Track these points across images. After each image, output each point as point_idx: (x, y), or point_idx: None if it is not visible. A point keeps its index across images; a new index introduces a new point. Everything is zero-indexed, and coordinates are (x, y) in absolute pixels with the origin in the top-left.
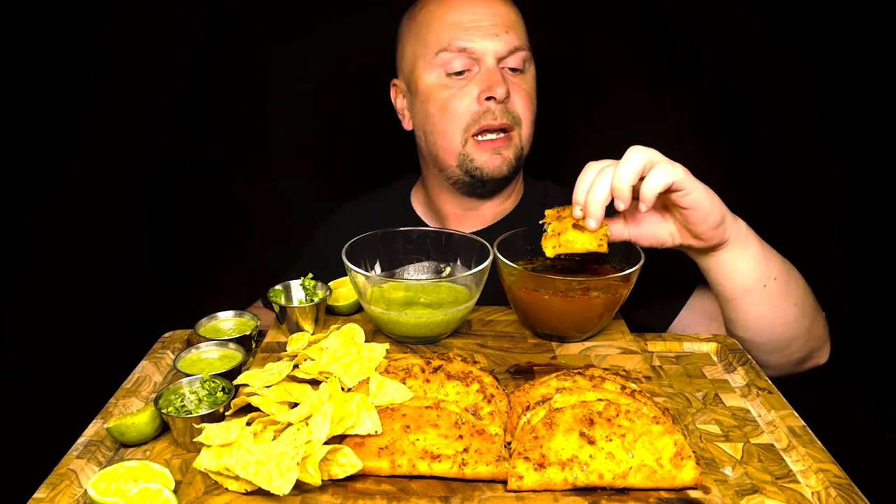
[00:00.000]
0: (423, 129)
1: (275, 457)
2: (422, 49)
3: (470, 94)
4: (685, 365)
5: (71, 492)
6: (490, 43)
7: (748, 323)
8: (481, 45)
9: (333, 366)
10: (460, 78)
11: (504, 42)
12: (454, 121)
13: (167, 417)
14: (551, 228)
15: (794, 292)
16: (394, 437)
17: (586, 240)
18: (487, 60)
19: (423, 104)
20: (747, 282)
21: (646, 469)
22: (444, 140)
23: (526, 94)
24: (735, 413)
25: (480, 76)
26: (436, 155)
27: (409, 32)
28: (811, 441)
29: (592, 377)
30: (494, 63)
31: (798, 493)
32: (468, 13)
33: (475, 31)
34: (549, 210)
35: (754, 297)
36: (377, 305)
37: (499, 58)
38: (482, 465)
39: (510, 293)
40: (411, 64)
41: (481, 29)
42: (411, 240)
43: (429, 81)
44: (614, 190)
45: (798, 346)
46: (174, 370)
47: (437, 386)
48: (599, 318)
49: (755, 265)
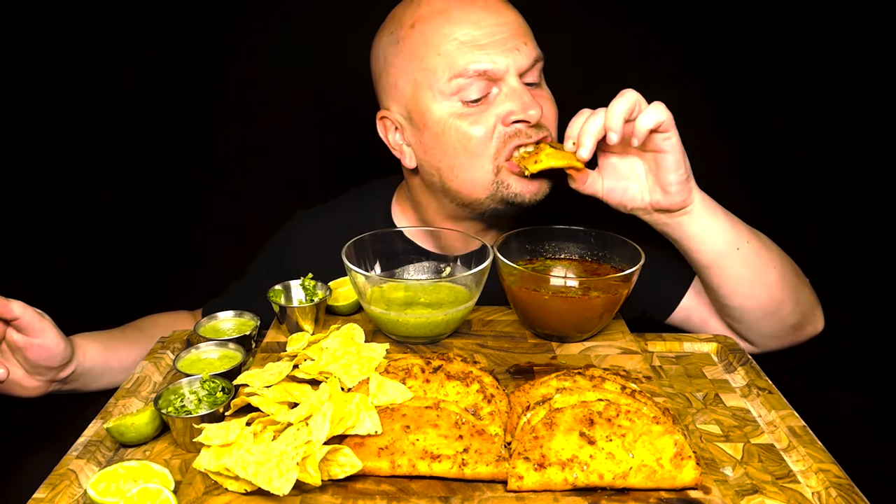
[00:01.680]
0: (436, 166)
1: (275, 457)
2: (425, 75)
3: (494, 115)
4: (685, 365)
5: (71, 492)
6: (511, 59)
7: (730, 287)
8: (503, 62)
9: (333, 366)
10: (479, 104)
11: (525, 55)
12: (481, 151)
13: (167, 417)
14: (526, 152)
15: (770, 255)
16: (394, 437)
17: (561, 156)
18: (510, 81)
19: (436, 138)
20: (719, 245)
21: (646, 469)
22: (471, 174)
23: (550, 103)
24: (735, 413)
25: (505, 97)
26: (457, 191)
27: (401, 57)
28: (811, 441)
29: (592, 377)
30: (518, 81)
31: (798, 494)
32: (479, 27)
33: (493, 48)
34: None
35: (730, 260)
36: (377, 305)
37: (520, 73)
38: (482, 465)
39: (510, 293)
40: (411, 94)
41: (498, 43)
42: (411, 240)
43: (441, 113)
44: (608, 122)
45: (788, 309)
46: (174, 370)
47: (437, 386)
48: (599, 318)
49: (724, 228)
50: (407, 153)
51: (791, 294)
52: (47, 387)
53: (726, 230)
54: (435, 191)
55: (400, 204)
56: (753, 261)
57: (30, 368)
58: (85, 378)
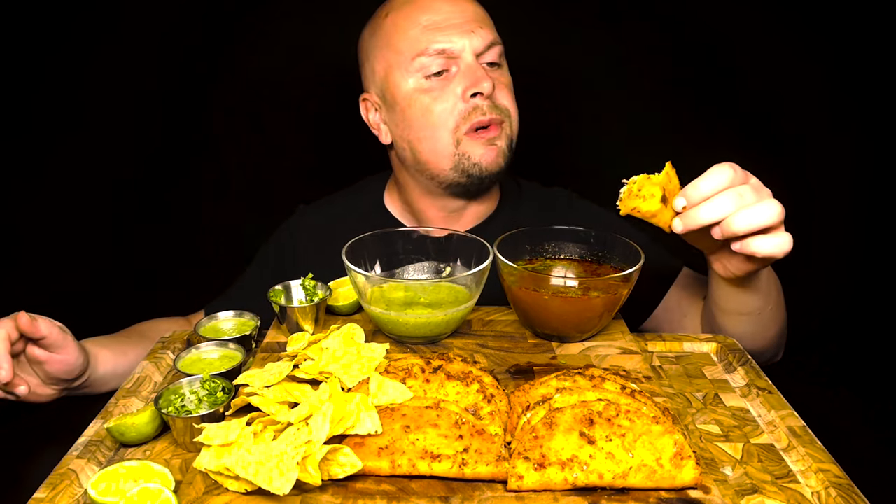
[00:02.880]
0: (406, 139)
1: (275, 457)
2: (395, 57)
3: (454, 94)
4: (685, 365)
5: (71, 492)
6: (467, 40)
7: (733, 332)
8: (459, 42)
9: (333, 366)
10: (440, 79)
11: (480, 38)
12: (442, 123)
13: (167, 417)
14: (637, 188)
15: (780, 317)
16: (394, 437)
17: (664, 216)
18: (466, 58)
19: (403, 113)
20: (745, 308)
21: (646, 469)
22: (435, 145)
23: (507, 87)
24: (735, 413)
25: (462, 74)
26: (425, 162)
27: (377, 43)
28: (811, 441)
29: (592, 377)
30: (474, 59)
31: (798, 493)
32: (439, 13)
33: (451, 30)
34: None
35: (747, 318)
36: (377, 305)
37: (476, 54)
38: (482, 465)
39: (510, 293)
40: (384, 74)
41: (456, 27)
42: (411, 240)
43: (407, 88)
44: (725, 224)
45: (766, 355)
46: (174, 370)
47: (437, 386)
48: (599, 318)
49: (756, 298)
50: (383, 130)
51: (776, 345)
52: (59, 394)
53: (757, 299)
54: (408, 166)
55: (389, 192)
56: (765, 323)
57: (46, 379)
58: (95, 384)
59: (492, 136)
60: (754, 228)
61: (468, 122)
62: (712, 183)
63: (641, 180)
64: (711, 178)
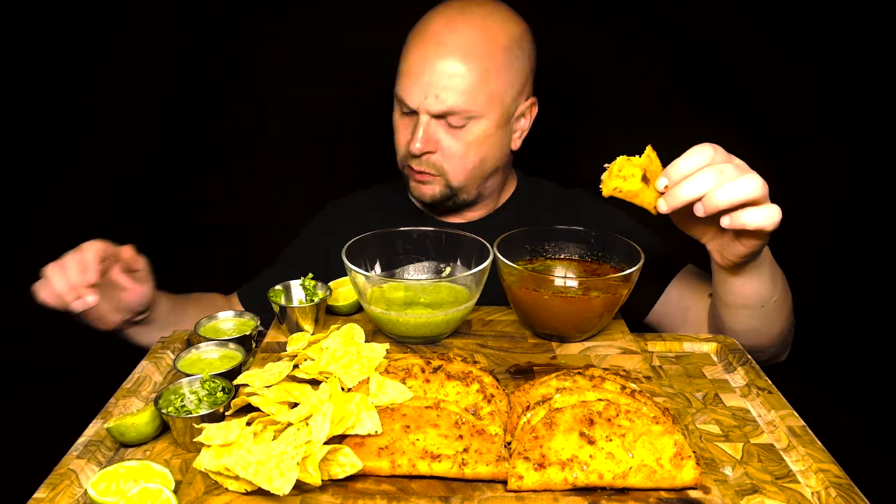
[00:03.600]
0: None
1: (275, 457)
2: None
3: (406, 135)
4: (685, 365)
5: (71, 492)
6: (424, 102)
7: (736, 328)
8: (414, 101)
9: (333, 366)
10: (406, 117)
11: (435, 105)
12: (398, 149)
13: (167, 417)
14: (617, 168)
15: (785, 313)
16: (394, 437)
17: (648, 196)
18: (422, 116)
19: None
20: (748, 300)
21: (646, 469)
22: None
23: (459, 150)
24: (735, 413)
25: (414, 124)
26: None
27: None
28: (811, 441)
29: (592, 377)
30: (428, 118)
31: (798, 493)
32: (421, 63)
33: (414, 86)
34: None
35: (751, 312)
36: (377, 305)
37: (432, 115)
38: (482, 465)
39: (510, 293)
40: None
41: (421, 86)
42: (411, 240)
43: (395, 105)
44: (707, 200)
45: (771, 351)
46: (174, 370)
47: (437, 386)
48: (599, 318)
49: (761, 289)
50: None
51: (780, 342)
52: (121, 324)
53: (761, 290)
54: None
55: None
56: (769, 318)
57: (118, 306)
58: (150, 326)
59: (423, 180)
60: (737, 201)
61: (405, 166)
62: (693, 161)
63: (622, 161)
64: (692, 156)
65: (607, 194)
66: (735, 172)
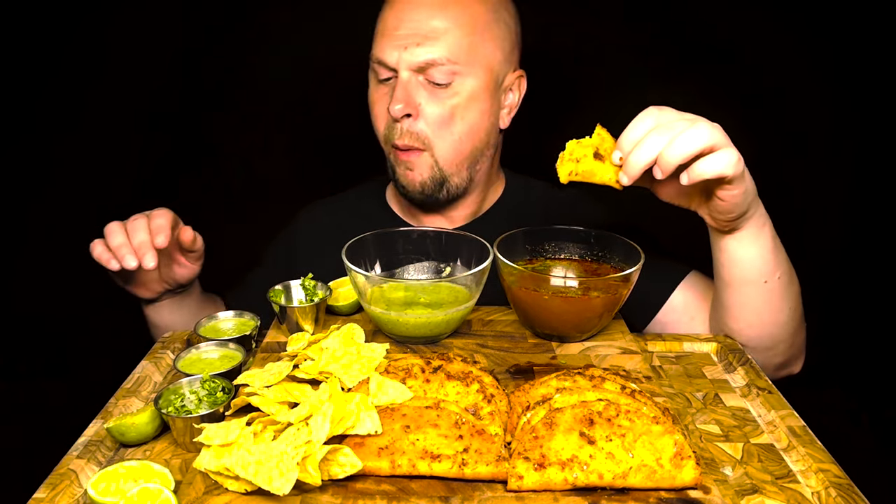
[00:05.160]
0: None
1: (275, 457)
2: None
3: (384, 105)
4: (685, 365)
5: (71, 492)
6: (403, 55)
7: (741, 314)
8: (393, 56)
9: (333, 366)
10: (384, 85)
11: (418, 54)
12: (377, 128)
13: (167, 417)
14: (569, 152)
15: (791, 297)
16: (394, 437)
17: (606, 173)
18: (402, 73)
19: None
20: (749, 273)
21: (646, 469)
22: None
23: (443, 112)
24: (735, 413)
25: (393, 88)
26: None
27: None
28: (811, 441)
29: (592, 377)
30: (409, 75)
31: (798, 493)
32: (397, 19)
33: (393, 41)
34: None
35: (754, 289)
36: (377, 305)
37: (413, 70)
38: (482, 465)
39: (510, 293)
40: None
41: (399, 38)
42: (411, 240)
43: (370, 82)
44: (661, 158)
45: (781, 350)
46: (174, 370)
47: (437, 386)
48: (599, 318)
49: (762, 260)
50: None
51: (789, 337)
52: (162, 292)
53: (764, 261)
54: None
55: (392, 189)
56: (774, 298)
57: (167, 276)
58: (182, 302)
59: (408, 162)
60: (691, 154)
61: (388, 141)
62: (642, 126)
63: (572, 145)
64: (639, 121)
65: (565, 180)
66: (685, 125)
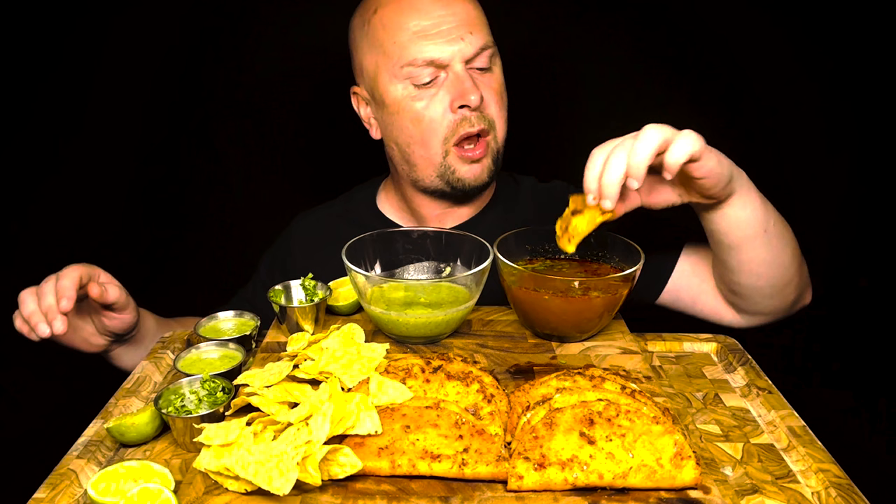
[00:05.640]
0: (395, 140)
1: (275, 457)
2: (384, 59)
3: (442, 103)
4: (685, 365)
5: (71, 492)
6: (456, 47)
7: (751, 268)
8: (448, 51)
9: (333, 366)
10: (429, 87)
11: (470, 44)
12: (431, 133)
13: (167, 417)
14: (558, 227)
15: (788, 236)
16: (394, 437)
17: (592, 216)
18: (455, 66)
19: (393, 116)
20: (750, 230)
21: (646, 469)
22: (426, 152)
23: (496, 93)
24: (735, 413)
25: (450, 83)
26: (413, 165)
27: (366, 40)
28: (811, 441)
29: (592, 377)
30: (463, 68)
31: (798, 493)
32: (428, 17)
33: (439, 37)
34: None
35: (757, 242)
36: (377, 305)
37: (466, 61)
38: (482, 465)
39: (510, 293)
40: (374, 74)
41: (444, 34)
42: (411, 240)
43: (396, 94)
44: (630, 168)
45: (792, 287)
46: (174, 370)
47: (437, 386)
48: (599, 318)
49: (757, 214)
50: (374, 126)
51: (797, 271)
52: (108, 345)
53: (759, 213)
54: (396, 164)
55: (385, 193)
56: (775, 242)
57: (101, 330)
58: (137, 345)
59: (478, 155)
60: (653, 151)
61: (456, 135)
62: (599, 157)
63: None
64: (594, 159)
65: (573, 249)
66: (633, 136)
